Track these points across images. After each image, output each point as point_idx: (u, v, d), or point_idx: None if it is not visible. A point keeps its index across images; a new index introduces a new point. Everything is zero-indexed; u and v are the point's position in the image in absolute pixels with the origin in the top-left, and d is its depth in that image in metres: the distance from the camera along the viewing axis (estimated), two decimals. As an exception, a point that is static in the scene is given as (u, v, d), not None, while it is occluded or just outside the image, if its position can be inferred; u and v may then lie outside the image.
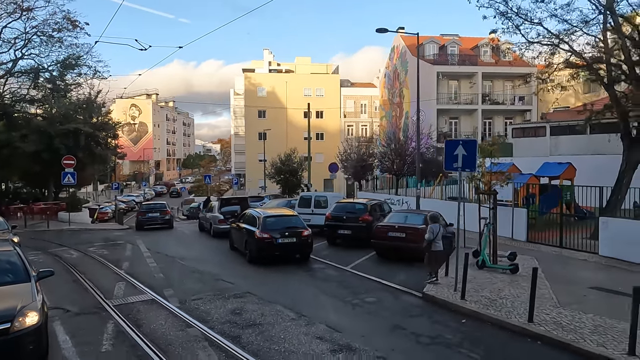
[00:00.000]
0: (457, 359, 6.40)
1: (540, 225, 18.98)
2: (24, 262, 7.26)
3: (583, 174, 21.07)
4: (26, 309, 5.90)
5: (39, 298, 6.37)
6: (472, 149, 9.42)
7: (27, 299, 6.15)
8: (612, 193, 18.25)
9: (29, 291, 6.42)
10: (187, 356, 6.49)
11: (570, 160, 23.51)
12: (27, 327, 5.74)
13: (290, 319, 8.17)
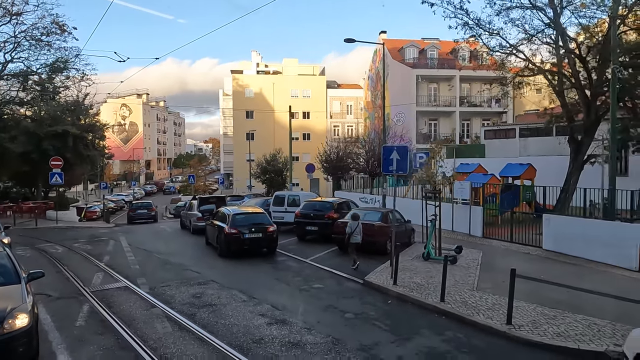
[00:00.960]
0: (368, 328, 7.78)
1: (502, 222, 20.32)
2: (14, 263, 7.15)
3: (549, 174, 21.85)
4: (16, 311, 5.84)
5: (29, 300, 6.31)
6: (404, 154, 10.78)
7: (17, 300, 6.10)
8: (561, 192, 19.81)
9: (19, 293, 6.36)
10: (146, 328, 7.80)
11: (537, 160, 24.94)
12: (16, 329, 5.68)
13: (241, 301, 9.51)
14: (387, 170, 11.22)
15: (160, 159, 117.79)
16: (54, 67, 33.24)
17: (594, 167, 20.49)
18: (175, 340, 7.22)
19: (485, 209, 21.22)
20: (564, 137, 20.95)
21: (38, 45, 32.35)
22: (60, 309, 9.09)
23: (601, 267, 13.50)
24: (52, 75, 33.80)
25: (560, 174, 20.71)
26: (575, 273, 12.47)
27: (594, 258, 14.28)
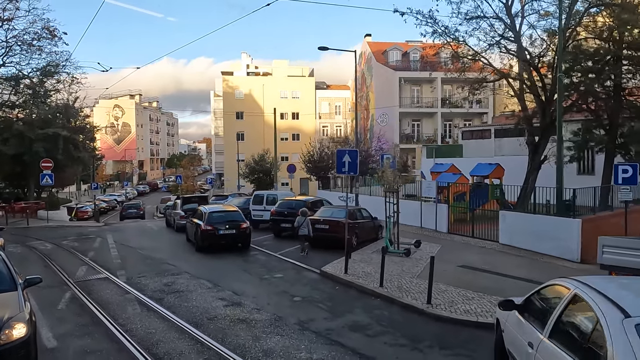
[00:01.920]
0: (310, 308, 9.03)
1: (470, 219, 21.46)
2: (10, 268, 6.73)
3: (521, 173, 22.54)
4: (13, 320, 5.49)
5: (27, 308, 5.95)
6: (354, 157, 12.04)
7: (13, 309, 5.73)
8: (521, 190, 21.14)
9: (15, 301, 5.96)
10: (118, 310, 9.02)
11: (510, 160, 26.16)
12: (13, 340, 5.34)
13: (207, 288, 10.74)
14: (340, 172, 12.48)
15: (153, 159, 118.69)
16: (45, 71, 34.23)
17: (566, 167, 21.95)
18: (142, 319, 8.45)
19: (454, 207, 22.54)
20: (523, 139, 22.26)
21: (29, 50, 33.42)
22: (45, 296, 10.28)
23: (547, 258, 14.80)
24: (43, 79, 34.78)
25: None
26: (519, 264, 13.74)
27: (542, 251, 15.60)
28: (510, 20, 19.97)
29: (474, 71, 23.96)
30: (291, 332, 7.56)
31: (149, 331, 7.73)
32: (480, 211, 21.28)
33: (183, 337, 7.41)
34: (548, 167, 22.14)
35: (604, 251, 8.47)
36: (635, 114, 21.49)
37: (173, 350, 6.78)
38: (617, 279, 6.41)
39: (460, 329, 7.64)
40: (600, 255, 8.54)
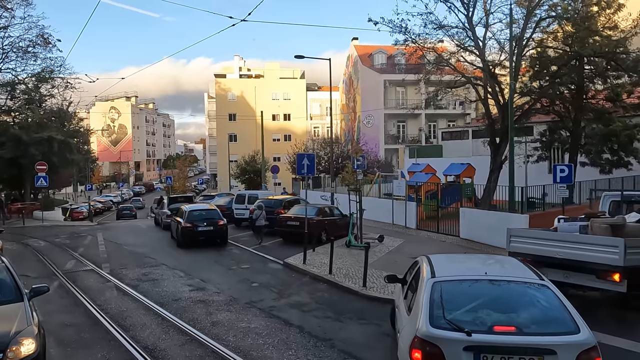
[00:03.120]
0: (263, 291, 10.46)
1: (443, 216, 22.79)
2: (14, 277, 6.31)
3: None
4: (21, 335, 5.07)
5: (35, 321, 5.54)
6: (312, 160, 13.48)
7: (21, 323, 5.29)
8: (485, 189, 22.60)
9: (22, 313, 5.50)
10: (98, 294, 10.44)
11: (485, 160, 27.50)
12: (22, 358, 4.96)
13: (179, 277, 12.17)
14: (300, 173, 13.94)
15: (149, 160, 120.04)
16: (40, 77, 35.61)
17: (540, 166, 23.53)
18: (117, 301, 9.88)
19: (426, 205, 23.99)
20: (484, 140, 23.73)
21: (25, 57, 34.78)
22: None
23: (496, 250, 16.19)
24: (38, 85, 36.14)
25: (503, 173, 23.21)
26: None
27: (494, 243, 17.01)
28: (471, 31, 21.44)
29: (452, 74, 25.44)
30: (240, 309, 9.00)
31: (121, 310, 9.15)
32: (454, 209, 22.68)
33: (149, 314, 8.85)
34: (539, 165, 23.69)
35: (511, 240, 9.88)
36: (595, 116, 22.99)
37: (138, 323, 8.21)
38: (455, 256, 8.02)
39: (383, 306, 9.06)
40: (508, 244, 9.95)
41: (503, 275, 4.95)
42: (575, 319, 4.09)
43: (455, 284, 4.78)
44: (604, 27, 21.87)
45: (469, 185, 25.96)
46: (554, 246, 9.16)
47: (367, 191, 32.55)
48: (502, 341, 3.96)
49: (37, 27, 33.82)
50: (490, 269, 5.20)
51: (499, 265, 5.73)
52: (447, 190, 25.89)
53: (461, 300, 4.53)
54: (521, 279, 4.78)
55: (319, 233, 17.23)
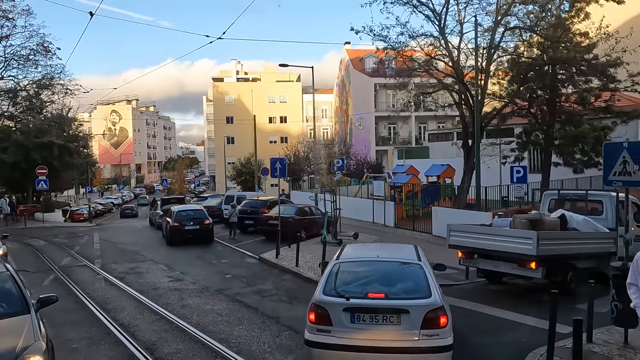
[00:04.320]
0: (233, 281, 11.79)
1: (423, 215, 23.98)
2: (21, 287, 5.88)
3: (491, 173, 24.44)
4: (28, 352, 4.66)
5: (43, 334, 5.11)
6: (284, 164, 14.83)
7: (28, 337, 4.85)
8: (459, 189, 23.91)
9: (29, 326, 5.07)
10: (88, 285, 11.78)
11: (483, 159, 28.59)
12: None
13: (162, 270, 13.52)
14: (273, 175, 15.27)
15: (150, 162, 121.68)
16: (41, 84, 37.09)
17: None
18: (103, 290, 11.23)
19: (406, 204, 25.28)
20: (456, 142, 25.06)
21: (26, 65, 36.26)
22: (34, 278, 13.03)
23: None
24: (39, 91, 37.62)
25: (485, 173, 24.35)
26: (427, 248, 16.35)
27: (460, 239, 18.32)
28: (444, 40, 22.74)
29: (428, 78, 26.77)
30: (209, 295, 10.34)
31: (107, 297, 10.50)
32: (413, 208, 23.90)
33: (129, 299, 10.19)
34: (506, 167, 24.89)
35: (451, 235, 11.13)
36: (566, 119, 24.28)
37: (118, 307, 9.56)
38: (369, 244, 9.37)
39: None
40: (448, 238, 11.23)
41: (390, 258, 6.27)
42: (431, 288, 5.39)
43: (351, 264, 6.12)
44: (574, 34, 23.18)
45: (449, 185, 27.23)
46: (484, 239, 10.43)
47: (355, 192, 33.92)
48: (370, 304, 5.27)
49: (37, 36, 35.26)
50: (383, 253, 6.51)
51: (395, 250, 7.01)
52: (428, 190, 27.14)
53: (351, 275, 5.85)
54: (403, 259, 6.11)
55: (298, 231, 18.47)
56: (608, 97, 23.63)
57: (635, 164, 6.86)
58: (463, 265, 11.29)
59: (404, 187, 26.60)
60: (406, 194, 26.57)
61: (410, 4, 22.36)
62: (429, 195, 26.48)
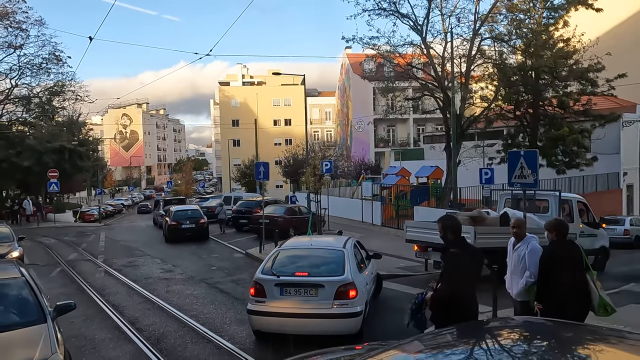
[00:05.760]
0: (216, 272, 13.31)
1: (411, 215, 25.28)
2: (37, 295, 5.47)
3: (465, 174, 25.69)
4: None
5: (61, 345, 4.79)
6: (266, 167, 16.29)
7: (44, 349, 4.52)
8: (442, 189, 25.22)
9: (46, 337, 4.72)
10: (90, 275, 13.38)
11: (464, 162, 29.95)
12: None
13: (156, 263, 15.09)
14: (257, 178, 16.75)
15: (160, 164, 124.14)
16: (52, 91, 39.07)
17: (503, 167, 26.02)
18: (102, 280, 12.81)
19: (395, 204, 26.65)
20: (440, 145, 26.38)
21: (38, 73, 38.25)
22: (43, 269, 14.70)
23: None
24: (51, 98, 39.62)
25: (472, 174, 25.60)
26: (398, 245, 17.48)
27: (439, 237, 19.68)
28: (426, 49, 24.12)
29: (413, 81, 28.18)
30: (192, 283, 11.88)
31: (104, 285, 12.08)
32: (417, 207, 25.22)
33: (123, 287, 11.76)
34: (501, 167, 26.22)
35: (407, 230, 12.54)
36: (548, 122, 25.52)
37: (113, 292, 11.12)
38: (313, 236, 10.90)
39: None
40: (405, 233, 12.62)
41: (320, 245, 7.73)
42: (345, 268, 6.82)
43: (288, 250, 7.60)
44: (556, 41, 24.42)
45: (438, 185, 28.55)
46: (435, 234, 11.83)
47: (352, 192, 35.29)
48: (295, 280, 6.72)
49: (50, 45, 37.19)
50: (317, 242, 7.98)
51: (327, 240, 8.47)
52: (417, 190, 28.51)
53: (287, 259, 7.32)
54: (330, 247, 7.57)
55: (288, 229, 20.00)
56: (585, 101, 24.86)
57: (529, 169, 8.20)
58: (418, 258, 12.70)
59: (393, 188, 27.98)
60: (395, 195, 27.96)
61: (394, 15, 23.75)
62: (419, 196, 27.83)
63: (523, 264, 5.45)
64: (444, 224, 5.08)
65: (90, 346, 7.32)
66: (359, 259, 7.79)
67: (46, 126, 38.94)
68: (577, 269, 4.78)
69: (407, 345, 2.66)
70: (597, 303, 4.75)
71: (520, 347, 2.48)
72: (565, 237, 5.00)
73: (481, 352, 2.48)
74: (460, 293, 4.61)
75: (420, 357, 2.43)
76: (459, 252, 4.80)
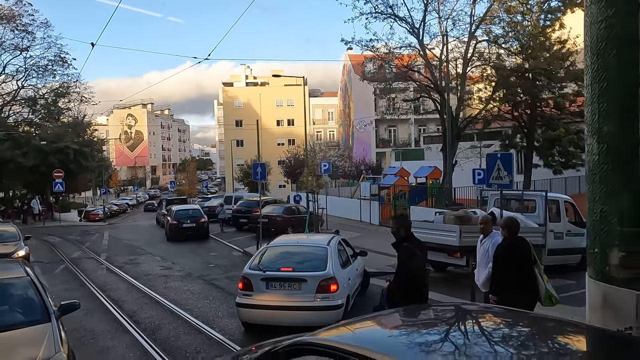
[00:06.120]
0: (214, 269, 13.79)
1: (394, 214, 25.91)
2: (41, 294, 5.56)
3: (461, 174, 25.91)
4: None
5: (64, 345, 4.84)
6: (263, 168, 16.75)
7: (48, 348, 4.58)
8: (439, 189, 25.61)
9: (50, 336, 4.78)
10: (92, 272, 13.89)
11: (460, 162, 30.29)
12: None
13: (157, 261, 15.60)
14: (255, 178, 17.21)
15: (165, 164, 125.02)
16: (57, 92, 39.76)
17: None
18: (104, 276, 13.32)
19: (394, 204, 27.07)
20: (437, 146, 26.77)
21: (44, 75, 38.95)
22: (47, 267, 15.23)
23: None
24: (56, 99, 40.30)
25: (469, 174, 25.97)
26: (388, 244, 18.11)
27: (433, 235, 20.07)
28: (422, 52, 24.53)
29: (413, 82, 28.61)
30: (189, 280, 12.36)
31: (105, 281, 12.58)
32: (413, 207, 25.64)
33: (125, 283, 12.26)
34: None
35: (396, 229, 12.99)
36: (545, 123, 25.85)
37: (113, 288, 11.62)
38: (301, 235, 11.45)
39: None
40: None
41: (305, 243, 8.19)
42: (327, 264, 7.25)
43: (276, 247, 8.06)
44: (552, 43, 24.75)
45: (436, 185, 28.91)
46: (423, 233, 12.20)
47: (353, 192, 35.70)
48: (280, 275, 7.18)
49: (55, 46, 37.87)
50: (303, 240, 8.43)
51: (313, 238, 8.93)
52: (416, 191, 28.87)
53: (274, 255, 7.79)
54: (315, 244, 8.01)
55: (286, 228, 20.46)
56: (582, 102, 25.15)
57: (505, 170, 8.61)
58: (408, 255, 13.11)
59: (392, 188, 28.39)
60: (394, 195, 28.36)
61: (391, 18, 24.17)
62: (417, 196, 28.21)
63: (487, 257, 5.89)
64: (398, 222, 5.60)
65: (89, 337, 7.80)
66: (343, 256, 8.24)
67: (52, 127, 39.62)
68: (526, 263, 5.22)
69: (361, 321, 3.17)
70: (543, 294, 5.19)
71: (443, 323, 2.97)
72: (516, 234, 5.43)
73: (418, 326, 3.00)
74: (414, 280, 5.09)
75: (365, 329, 2.93)
76: (411, 245, 5.29)
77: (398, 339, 2.78)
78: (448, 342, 2.60)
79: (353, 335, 2.93)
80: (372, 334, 2.94)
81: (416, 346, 2.61)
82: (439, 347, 2.52)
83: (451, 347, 2.52)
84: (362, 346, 2.57)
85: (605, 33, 3.90)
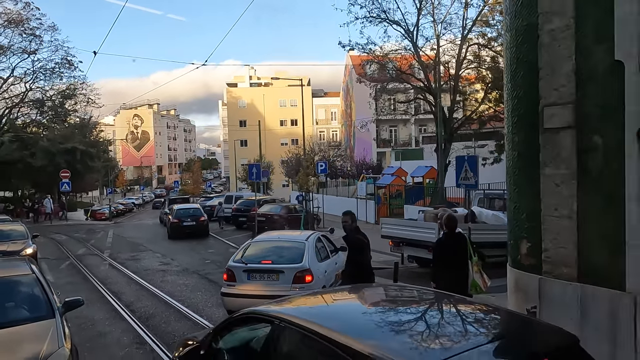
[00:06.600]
0: (209, 265, 14.55)
1: (390, 213, 26.67)
2: (46, 290, 5.70)
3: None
4: (52, 359, 4.45)
5: (68, 340, 4.87)
6: (258, 169, 17.53)
7: (51, 343, 4.66)
8: (434, 189, 26.26)
9: (53, 331, 4.88)
10: (95, 268, 14.71)
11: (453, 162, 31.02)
12: None
13: (157, 258, 16.40)
14: (250, 178, 17.99)
15: (171, 164, 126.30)
16: (64, 94, 40.77)
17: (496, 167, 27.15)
18: (106, 271, 14.14)
19: (390, 203, 27.79)
20: (431, 146, 27.43)
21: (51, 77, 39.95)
22: (54, 263, 16.08)
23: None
24: (63, 101, 41.32)
25: None
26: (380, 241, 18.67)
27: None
28: (416, 55, 25.18)
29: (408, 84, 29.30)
30: (185, 274, 13.14)
31: (107, 275, 13.40)
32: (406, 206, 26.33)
33: (125, 277, 13.06)
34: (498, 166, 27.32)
35: (382, 227, 13.65)
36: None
37: (114, 282, 12.43)
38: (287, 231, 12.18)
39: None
40: (380, 229, 13.74)
41: (285, 238, 8.93)
42: (304, 257, 7.96)
43: (258, 242, 8.81)
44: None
45: (432, 185, 29.55)
46: (406, 230, 12.95)
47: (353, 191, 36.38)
48: (260, 267, 7.92)
49: (62, 49, 38.84)
50: (283, 236, 9.17)
51: (293, 234, 9.68)
52: (412, 190, 29.54)
53: (257, 249, 8.53)
54: (294, 240, 8.75)
55: (283, 226, 21.22)
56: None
57: (471, 172, 9.29)
58: (393, 252, 13.81)
59: (388, 188, 29.09)
60: (390, 194, 29.07)
61: (386, 22, 24.85)
62: (414, 195, 28.88)
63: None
64: (352, 216, 6.41)
65: (89, 324, 8.58)
66: (322, 251, 8.95)
67: (59, 128, 40.66)
68: (460, 255, 5.93)
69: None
70: (470, 283, 5.91)
71: (362, 299, 3.71)
72: (454, 229, 6.13)
73: (337, 299, 3.75)
74: (362, 267, 5.88)
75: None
76: (361, 237, 6.06)
77: (319, 309, 3.53)
78: (360, 314, 3.33)
79: (287, 307, 3.68)
80: (300, 306, 3.69)
81: (331, 313, 3.35)
82: (347, 313, 3.25)
83: (358, 314, 3.25)
84: (286, 313, 3.32)
85: (514, 57, 4.61)
